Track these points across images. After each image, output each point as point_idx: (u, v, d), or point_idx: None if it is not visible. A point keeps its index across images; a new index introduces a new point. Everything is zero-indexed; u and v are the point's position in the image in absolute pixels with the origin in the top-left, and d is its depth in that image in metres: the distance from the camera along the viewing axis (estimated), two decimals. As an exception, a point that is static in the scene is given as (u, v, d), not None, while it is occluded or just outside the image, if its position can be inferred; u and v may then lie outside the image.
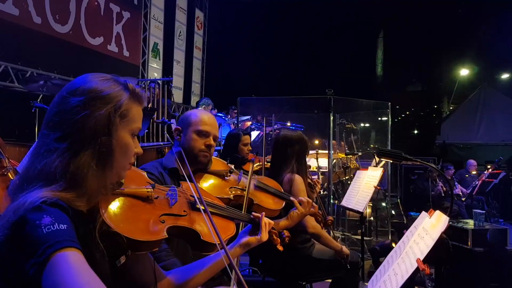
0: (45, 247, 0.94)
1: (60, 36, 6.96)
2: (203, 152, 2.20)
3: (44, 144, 1.16)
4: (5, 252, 1.02)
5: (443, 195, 8.13)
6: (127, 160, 1.26)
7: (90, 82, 1.20)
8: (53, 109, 1.19)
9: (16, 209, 1.03)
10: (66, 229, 1.00)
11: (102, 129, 1.16)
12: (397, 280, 1.41)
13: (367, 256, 5.15)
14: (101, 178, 1.18)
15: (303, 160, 3.28)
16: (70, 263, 0.94)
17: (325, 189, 6.85)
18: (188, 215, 1.48)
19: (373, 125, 10.18)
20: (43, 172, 1.11)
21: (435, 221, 1.56)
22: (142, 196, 1.37)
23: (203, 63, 12.67)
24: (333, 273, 3.13)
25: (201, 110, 2.38)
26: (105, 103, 1.17)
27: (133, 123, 1.25)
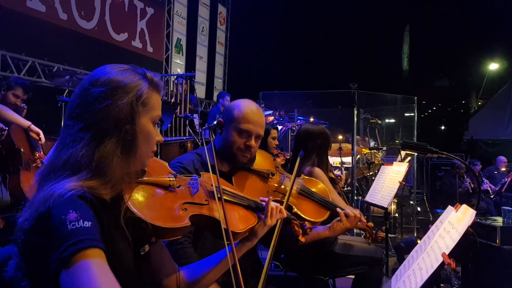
0: (69, 245, 0.97)
1: (86, 32, 7.06)
2: (241, 152, 2.06)
3: (69, 135, 1.18)
4: (30, 239, 1.06)
5: (470, 192, 7.94)
6: (150, 148, 1.28)
7: (110, 72, 1.22)
8: (75, 100, 1.21)
9: (45, 200, 1.05)
10: (90, 226, 1.02)
11: (126, 117, 1.19)
12: (421, 274, 1.36)
13: (392, 253, 5.07)
14: (125, 165, 1.20)
15: (325, 155, 3.22)
16: (90, 269, 0.96)
17: (348, 185, 6.77)
18: (210, 204, 1.50)
19: (399, 121, 10.01)
20: (70, 161, 1.14)
21: (461, 215, 1.50)
22: (164, 185, 1.39)
23: (225, 58, 12.68)
24: (356, 269, 3.07)
25: (247, 102, 2.13)
26: (126, 92, 1.20)
27: (153, 111, 1.27)
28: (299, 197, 2.27)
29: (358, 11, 13.95)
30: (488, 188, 8.43)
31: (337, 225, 2.38)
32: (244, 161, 2.09)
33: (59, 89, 5.52)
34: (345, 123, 7.80)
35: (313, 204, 2.33)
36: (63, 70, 6.31)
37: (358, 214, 2.44)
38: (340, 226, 2.38)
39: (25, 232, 1.06)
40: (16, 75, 5.88)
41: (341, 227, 2.38)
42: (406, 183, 5.78)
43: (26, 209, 1.10)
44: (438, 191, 8.80)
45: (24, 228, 1.06)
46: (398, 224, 6.82)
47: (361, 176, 6.99)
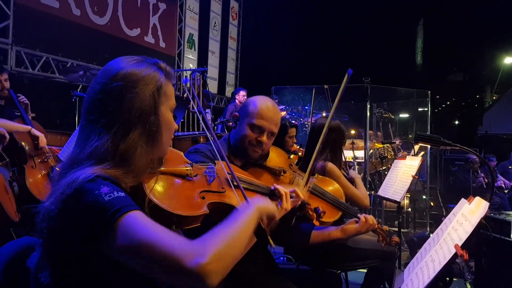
0: (113, 212, 1.02)
1: (99, 28, 7.12)
2: (252, 147, 2.06)
3: (93, 130, 1.19)
4: (57, 223, 1.08)
5: (484, 187, 7.86)
6: (170, 136, 1.32)
7: (126, 66, 1.23)
8: (96, 95, 1.21)
9: (70, 183, 1.08)
10: (125, 196, 1.08)
11: (149, 108, 1.21)
12: (434, 266, 1.36)
13: (405, 247, 5.05)
14: (148, 154, 1.24)
15: (338, 150, 3.20)
16: (142, 221, 1.04)
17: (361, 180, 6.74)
18: (226, 191, 1.54)
19: (412, 115, 9.93)
20: (94, 153, 1.16)
21: (474, 207, 1.50)
22: (182, 174, 1.44)
23: (237, 53, 12.68)
24: (368, 262, 3.06)
25: (264, 99, 2.15)
26: (146, 84, 1.21)
27: (171, 100, 1.30)
28: (311, 197, 2.24)
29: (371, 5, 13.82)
30: (502, 184, 8.33)
31: (351, 227, 2.33)
32: (255, 156, 2.09)
33: (73, 85, 5.58)
34: (357, 118, 7.76)
35: (325, 204, 2.29)
36: (77, 65, 6.37)
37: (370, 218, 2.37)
38: (354, 228, 2.32)
39: (52, 218, 1.08)
40: (31, 70, 5.96)
41: (355, 229, 2.32)
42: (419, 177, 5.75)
43: (48, 198, 1.12)
44: (451, 186, 8.71)
45: (50, 215, 1.08)
46: (411, 219, 6.78)
47: (374, 170, 6.96)
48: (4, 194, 3.38)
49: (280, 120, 2.22)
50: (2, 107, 4.07)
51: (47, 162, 3.99)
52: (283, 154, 2.33)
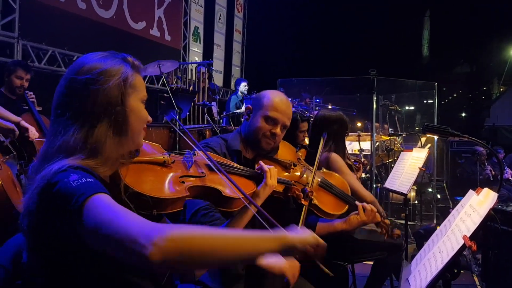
0: (78, 196, 1.03)
1: (104, 21, 7.11)
2: (266, 138, 2.09)
3: (59, 123, 1.22)
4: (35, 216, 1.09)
5: (492, 180, 7.81)
6: (142, 127, 1.32)
7: (91, 60, 1.26)
8: (62, 90, 1.24)
9: (43, 176, 1.11)
10: (94, 181, 1.09)
11: (115, 99, 1.23)
12: (442, 257, 1.35)
13: (411, 240, 5.05)
14: (119, 145, 1.25)
15: (341, 141, 3.20)
16: (105, 202, 1.04)
17: (367, 172, 6.73)
18: (207, 175, 1.56)
19: (419, 108, 9.88)
20: (62, 146, 1.18)
21: (483, 198, 1.49)
22: (158, 162, 1.47)
23: (243, 46, 12.64)
24: (375, 254, 3.07)
25: (277, 93, 2.20)
26: (111, 76, 1.23)
27: (141, 92, 1.31)
28: (320, 189, 2.27)
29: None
30: (510, 177, 8.28)
31: (354, 218, 2.39)
32: (268, 148, 2.12)
33: (79, 78, 5.58)
34: (364, 110, 7.73)
35: (332, 197, 2.33)
36: (83, 59, 6.37)
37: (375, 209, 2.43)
38: (357, 219, 2.39)
39: (31, 213, 1.10)
40: (37, 64, 5.97)
41: (357, 220, 2.39)
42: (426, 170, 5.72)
43: (25, 195, 1.15)
44: (458, 178, 8.66)
45: (29, 210, 1.10)
46: (418, 211, 6.77)
47: (380, 163, 6.94)
48: (12, 187, 3.41)
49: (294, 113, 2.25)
50: (13, 101, 4.10)
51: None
52: (291, 148, 2.36)
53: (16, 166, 3.68)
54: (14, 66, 4.08)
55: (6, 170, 3.44)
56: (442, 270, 1.30)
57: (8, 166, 3.53)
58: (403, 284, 1.53)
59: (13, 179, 3.49)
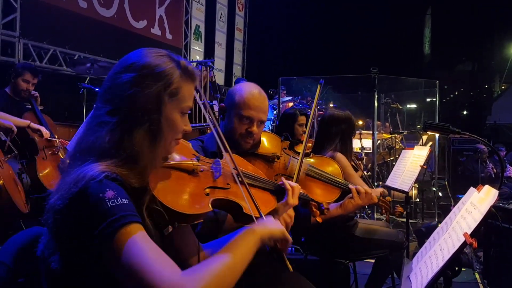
0: (111, 221, 1.01)
1: (105, 20, 7.12)
2: (244, 138, 2.02)
3: (96, 116, 1.19)
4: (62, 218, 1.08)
5: (493, 177, 7.80)
6: (174, 137, 1.27)
7: (143, 58, 1.21)
8: (107, 83, 1.22)
9: (76, 181, 1.07)
10: (128, 203, 1.07)
11: (152, 106, 1.18)
12: (443, 255, 1.35)
13: (413, 237, 5.04)
14: (153, 155, 1.21)
15: (348, 141, 3.18)
16: (137, 239, 1.02)
17: (368, 170, 6.72)
18: (231, 188, 1.49)
19: (420, 106, 9.85)
20: (96, 145, 1.15)
21: (483, 195, 1.48)
22: (188, 169, 1.40)
23: (244, 45, 12.64)
24: (377, 252, 3.07)
25: (249, 87, 2.07)
26: (155, 81, 1.18)
27: (183, 102, 1.25)
28: (307, 179, 2.24)
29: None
30: (511, 174, 8.26)
31: (348, 202, 2.38)
32: (247, 147, 2.06)
33: (81, 77, 5.60)
34: (365, 108, 7.72)
35: (322, 184, 2.30)
36: (84, 58, 6.39)
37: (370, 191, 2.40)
38: (351, 203, 2.38)
39: (57, 212, 1.09)
40: (38, 63, 5.98)
41: (352, 204, 2.38)
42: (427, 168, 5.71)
43: (55, 191, 1.12)
44: (460, 176, 8.65)
45: (56, 209, 1.09)
46: (419, 209, 6.76)
47: (381, 161, 6.93)
48: (14, 186, 3.42)
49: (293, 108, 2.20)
50: (16, 101, 4.10)
51: (57, 155, 4.04)
52: (275, 138, 2.29)
53: (17, 165, 3.69)
54: (23, 69, 4.08)
55: (7, 169, 3.45)
56: (443, 267, 1.30)
57: (10, 165, 3.54)
58: (404, 281, 1.53)
59: (14, 178, 3.51)
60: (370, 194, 2.40)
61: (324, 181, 2.31)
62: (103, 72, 5.69)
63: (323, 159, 2.55)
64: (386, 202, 2.53)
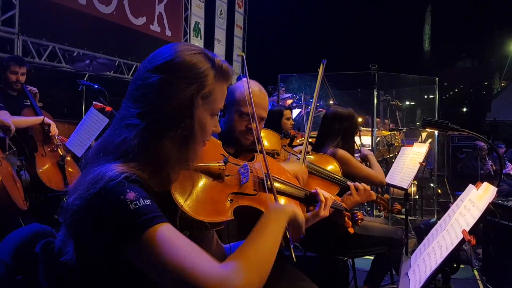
0: (137, 224, 0.98)
1: (104, 17, 7.09)
2: (244, 134, 2.02)
3: (125, 116, 1.14)
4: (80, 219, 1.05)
5: (492, 174, 7.80)
6: (204, 140, 1.23)
7: (177, 56, 1.14)
8: (137, 81, 1.16)
9: (96, 181, 1.03)
10: (151, 203, 1.02)
11: (185, 111, 1.12)
12: (441, 252, 1.35)
13: (412, 234, 5.05)
14: (182, 160, 1.16)
15: (351, 139, 3.19)
16: (169, 237, 0.99)
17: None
18: (258, 195, 1.41)
19: (420, 103, 9.84)
20: (121, 147, 1.10)
21: (482, 192, 1.48)
22: (214, 172, 1.33)
23: (243, 41, 12.61)
24: (375, 249, 3.07)
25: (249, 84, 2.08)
26: (189, 83, 1.12)
27: (214, 104, 1.20)
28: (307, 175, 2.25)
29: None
30: (511, 171, 8.26)
31: (347, 198, 2.38)
32: (248, 143, 2.05)
33: (80, 74, 5.58)
34: (364, 105, 7.71)
35: (321, 180, 2.32)
36: (83, 54, 6.36)
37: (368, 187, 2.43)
38: (350, 199, 2.38)
39: (75, 212, 1.05)
40: (37, 60, 5.97)
41: (351, 200, 2.38)
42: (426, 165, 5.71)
43: (73, 190, 1.09)
44: (459, 173, 8.66)
45: (74, 209, 1.05)
46: (418, 206, 6.77)
47: (381, 158, 6.93)
48: (12, 183, 3.41)
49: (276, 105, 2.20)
50: (14, 97, 4.10)
51: (56, 151, 4.04)
52: (275, 135, 2.31)
53: (16, 161, 3.69)
54: (7, 61, 4.06)
55: (6, 166, 3.45)
56: (441, 264, 1.30)
57: (8, 162, 3.54)
58: (402, 278, 1.54)
59: (13, 175, 3.50)
60: (368, 191, 2.41)
61: (323, 178, 2.33)
62: (102, 69, 5.68)
63: (322, 157, 2.57)
64: (384, 199, 2.54)
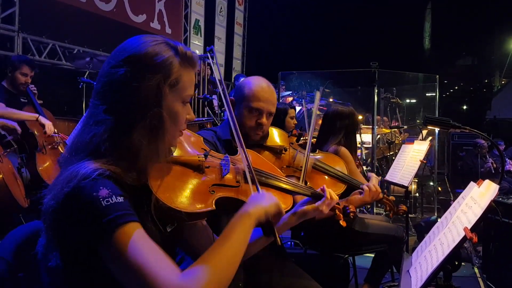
0: (107, 221, 0.98)
1: (105, 14, 7.09)
2: (253, 130, 2.06)
3: (93, 114, 1.14)
4: (57, 218, 1.05)
5: (493, 172, 7.80)
6: (178, 128, 1.22)
7: (140, 48, 1.14)
8: (101, 78, 1.16)
9: (69, 180, 1.04)
10: (123, 201, 1.03)
11: (152, 100, 1.12)
12: (443, 249, 1.35)
13: (412, 232, 5.05)
14: (154, 151, 1.15)
15: (353, 137, 3.20)
16: (135, 239, 1.00)
17: (368, 165, 6.72)
18: (240, 186, 1.41)
19: (420, 100, 9.84)
20: (92, 143, 1.10)
21: (484, 190, 1.48)
22: (193, 164, 1.32)
23: (244, 39, 12.60)
24: (376, 247, 3.07)
25: (257, 80, 2.11)
26: (154, 73, 1.12)
27: (183, 91, 1.19)
28: (313, 171, 2.28)
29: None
30: (511, 168, 8.26)
31: (355, 198, 2.36)
32: (257, 138, 2.10)
33: (80, 71, 5.58)
34: (365, 103, 7.71)
35: (329, 178, 2.33)
36: (83, 52, 6.36)
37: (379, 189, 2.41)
38: (360, 198, 2.35)
39: (51, 212, 1.05)
40: (37, 57, 5.96)
41: (360, 199, 2.35)
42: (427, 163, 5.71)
43: (49, 190, 1.09)
44: (459, 171, 8.66)
45: (50, 209, 1.05)
46: (419, 204, 6.77)
47: (381, 156, 6.93)
48: (13, 181, 3.42)
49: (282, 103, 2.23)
50: (14, 94, 4.09)
51: (57, 149, 4.04)
52: (283, 133, 2.34)
53: (17, 159, 3.69)
54: (20, 62, 4.06)
55: (7, 163, 3.45)
56: (443, 262, 1.29)
57: (9, 160, 3.54)
58: (403, 276, 1.53)
59: (14, 172, 3.51)
60: (378, 191, 2.39)
61: (330, 175, 2.34)
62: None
63: (329, 156, 2.58)
64: (390, 200, 2.53)
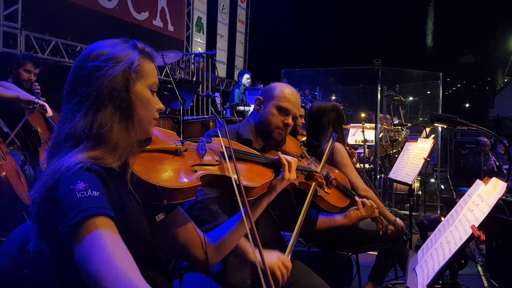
0: (78, 212, 0.99)
1: (107, 12, 7.07)
2: (278, 129, 2.13)
3: (67, 110, 1.22)
4: (42, 212, 1.09)
5: (495, 170, 7.79)
6: (150, 115, 1.30)
7: (100, 46, 1.25)
8: (70, 78, 1.25)
9: (53, 173, 1.09)
10: (98, 196, 1.05)
11: (119, 85, 1.21)
12: (449, 247, 1.34)
13: (415, 230, 5.04)
14: (127, 133, 1.22)
15: (340, 129, 3.23)
16: (101, 238, 0.99)
17: (371, 163, 6.71)
18: (221, 164, 1.48)
19: (423, 98, 9.84)
20: (71, 133, 1.17)
21: (491, 187, 1.47)
22: (170, 150, 1.39)
23: (246, 36, 12.58)
24: (379, 245, 3.07)
25: (287, 85, 2.25)
26: (117, 62, 1.22)
27: (149, 78, 1.28)
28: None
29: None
30: (514, 166, 8.23)
31: (353, 213, 2.46)
32: (279, 138, 2.15)
33: (83, 69, 5.56)
34: (368, 100, 7.70)
35: (337, 191, 2.44)
36: (86, 49, 6.35)
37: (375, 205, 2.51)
38: (356, 214, 2.46)
39: (37, 205, 1.10)
40: (40, 55, 5.96)
41: (357, 215, 2.46)
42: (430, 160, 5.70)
43: (36, 184, 1.13)
44: (462, 169, 8.66)
45: (36, 202, 1.10)
46: (421, 202, 6.77)
47: (384, 154, 6.92)
48: (16, 178, 3.41)
49: None
50: None
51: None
52: (296, 142, 2.41)
53: (20, 156, 3.68)
54: (24, 59, 4.06)
55: (10, 161, 3.45)
56: (450, 260, 1.29)
57: (12, 157, 3.53)
58: (410, 274, 1.53)
59: (17, 169, 3.50)
60: (374, 208, 2.50)
61: (338, 189, 2.46)
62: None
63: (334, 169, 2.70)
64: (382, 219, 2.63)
